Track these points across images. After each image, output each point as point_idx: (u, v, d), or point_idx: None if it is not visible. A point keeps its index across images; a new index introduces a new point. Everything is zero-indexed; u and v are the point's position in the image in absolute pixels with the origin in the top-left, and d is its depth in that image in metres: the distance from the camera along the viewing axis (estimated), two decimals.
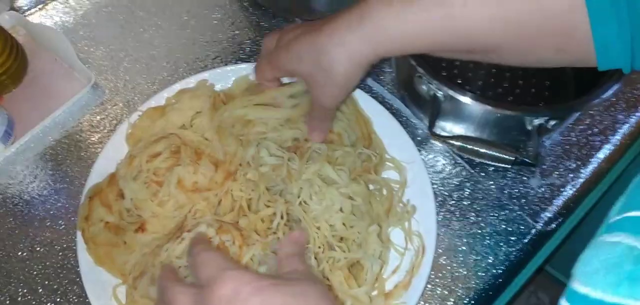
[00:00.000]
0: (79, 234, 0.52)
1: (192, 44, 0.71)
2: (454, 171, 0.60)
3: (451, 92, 0.53)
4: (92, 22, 0.73)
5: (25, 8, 0.74)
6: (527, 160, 0.55)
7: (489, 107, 0.53)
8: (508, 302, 0.65)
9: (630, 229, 0.28)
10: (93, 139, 0.63)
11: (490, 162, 0.57)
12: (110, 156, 0.56)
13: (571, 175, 0.60)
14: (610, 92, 0.53)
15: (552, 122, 0.55)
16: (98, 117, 0.65)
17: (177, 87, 0.61)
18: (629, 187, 0.31)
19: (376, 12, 0.43)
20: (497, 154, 0.55)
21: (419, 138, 0.62)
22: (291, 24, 0.56)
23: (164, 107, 0.59)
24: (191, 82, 0.62)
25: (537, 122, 0.54)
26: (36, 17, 0.74)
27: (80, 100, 0.65)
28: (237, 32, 0.72)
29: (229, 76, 0.62)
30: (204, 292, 0.34)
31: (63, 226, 0.57)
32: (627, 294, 0.26)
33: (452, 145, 0.57)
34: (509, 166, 0.56)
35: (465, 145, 0.56)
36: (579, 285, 0.28)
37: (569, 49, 0.41)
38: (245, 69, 0.62)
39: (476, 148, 0.56)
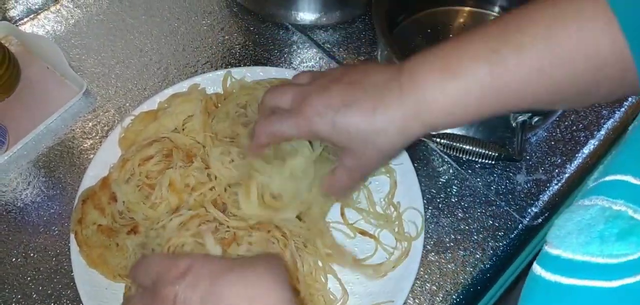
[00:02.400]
0: (72, 237, 0.52)
1: (183, 50, 0.72)
2: (441, 169, 0.61)
3: None
4: (84, 31, 0.74)
5: (18, 18, 0.75)
6: (510, 155, 0.56)
7: None
8: (500, 298, 0.66)
9: (605, 192, 0.28)
10: (85, 145, 0.64)
11: (476, 159, 0.58)
12: (103, 160, 0.57)
13: (557, 170, 0.61)
14: None
15: (536, 119, 0.56)
16: (90, 124, 0.66)
17: (170, 91, 0.62)
18: (607, 157, 0.31)
19: (424, 81, 0.39)
20: (482, 151, 0.56)
21: None
22: (300, 75, 0.48)
23: (157, 111, 0.60)
24: (183, 86, 0.63)
25: (520, 118, 0.55)
26: (28, 27, 0.75)
27: (72, 108, 0.66)
28: (226, 37, 0.73)
29: (220, 80, 0.63)
30: (156, 284, 0.34)
31: (56, 232, 0.58)
32: (596, 252, 0.26)
33: (438, 143, 0.58)
34: (494, 162, 0.57)
35: (450, 143, 0.57)
36: (551, 248, 0.29)
37: (620, 91, 0.40)
38: (235, 73, 0.63)
39: (461, 146, 0.57)
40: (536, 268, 0.29)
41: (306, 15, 0.72)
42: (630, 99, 0.66)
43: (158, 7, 0.76)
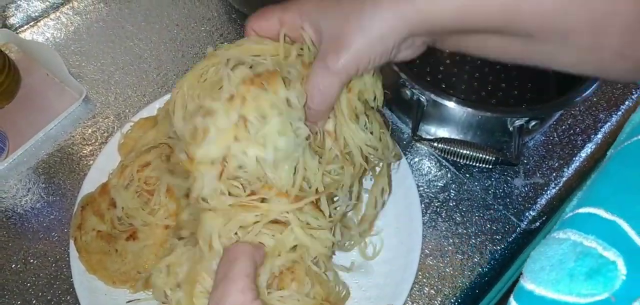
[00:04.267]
0: (71, 243, 0.52)
1: (182, 57, 0.72)
2: (439, 173, 0.61)
3: (434, 97, 0.55)
4: (83, 38, 0.75)
5: (18, 25, 0.76)
6: (508, 159, 0.56)
7: (470, 110, 0.54)
8: (498, 302, 0.66)
9: (577, 225, 0.28)
10: (85, 151, 0.64)
11: (473, 164, 0.58)
12: (102, 166, 0.57)
13: (554, 174, 0.61)
14: (588, 92, 0.54)
15: (533, 123, 0.56)
16: (90, 130, 0.66)
17: (169, 97, 0.62)
18: (585, 184, 0.31)
19: None
20: (480, 155, 0.56)
21: (404, 142, 0.63)
22: None
23: (156, 118, 0.60)
24: None
25: (518, 123, 0.56)
26: (28, 34, 0.75)
27: (72, 114, 0.67)
28: (225, 43, 0.73)
29: None
30: None
31: (56, 238, 0.58)
32: (566, 290, 0.26)
33: (435, 147, 0.58)
34: (492, 167, 0.57)
35: (447, 147, 0.57)
36: (526, 282, 0.28)
37: (589, 66, 0.38)
38: None
39: (459, 150, 0.57)
40: (512, 302, 0.29)
41: None
42: (627, 102, 0.66)
43: (157, 14, 0.77)
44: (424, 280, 0.54)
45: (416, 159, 0.62)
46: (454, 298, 0.53)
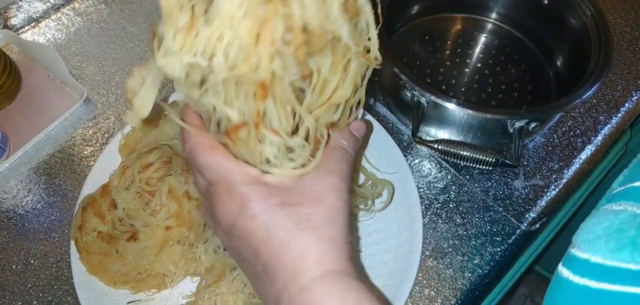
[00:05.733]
0: (72, 243, 0.52)
1: None
2: (439, 175, 0.61)
3: (434, 98, 0.55)
4: (84, 38, 0.75)
5: (19, 26, 0.76)
6: (508, 161, 0.56)
7: (470, 112, 0.54)
8: (498, 303, 0.66)
9: (634, 198, 0.28)
10: (86, 152, 0.64)
11: (474, 165, 0.58)
12: (103, 167, 0.57)
13: (554, 176, 0.61)
14: (588, 94, 0.55)
15: (533, 125, 0.56)
16: (90, 131, 0.66)
17: (170, 98, 0.63)
18: (632, 162, 0.32)
19: None
20: (480, 157, 0.56)
21: (404, 143, 0.63)
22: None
23: (157, 119, 0.60)
24: None
25: (518, 125, 0.56)
26: (29, 35, 0.75)
27: (72, 115, 0.67)
28: None
29: None
30: (213, 189, 0.34)
31: (57, 239, 0.58)
32: (628, 258, 0.27)
33: (435, 149, 0.59)
34: (492, 168, 0.57)
35: (448, 149, 0.57)
36: (578, 251, 0.29)
37: None
38: None
39: (459, 152, 0.57)
40: (563, 270, 0.29)
41: None
42: (627, 104, 0.66)
43: (158, 14, 0.76)
44: (424, 281, 0.54)
45: (416, 161, 0.62)
46: (454, 299, 0.53)
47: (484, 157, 0.56)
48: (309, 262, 0.32)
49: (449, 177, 0.61)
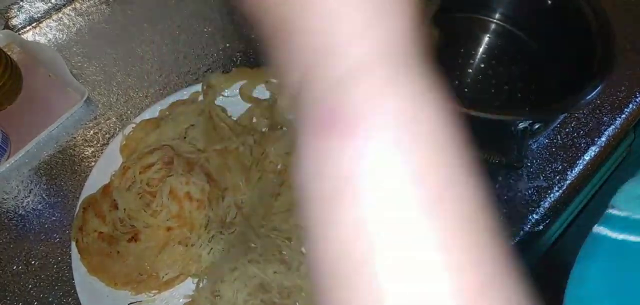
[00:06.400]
0: (73, 244, 0.52)
1: (184, 58, 0.72)
2: None
3: None
4: (85, 39, 0.75)
5: (20, 26, 0.76)
6: (511, 162, 0.56)
7: (473, 112, 0.54)
8: None
9: None
10: (87, 153, 0.64)
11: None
12: (104, 168, 0.57)
13: (558, 177, 0.61)
14: (592, 95, 0.54)
15: (537, 126, 0.56)
16: (91, 132, 0.66)
17: (171, 99, 0.62)
18: None
19: None
20: (482, 158, 0.56)
21: None
22: None
23: (158, 119, 0.60)
24: (184, 94, 0.63)
25: (521, 125, 0.55)
26: (30, 35, 0.75)
27: (74, 116, 0.66)
28: (227, 45, 0.73)
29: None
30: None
31: (58, 239, 0.58)
32: None
33: None
34: (495, 169, 0.57)
35: None
36: (617, 211, 0.30)
37: None
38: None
39: None
40: (600, 229, 0.30)
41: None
42: (631, 105, 0.66)
43: (159, 15, 0.77)
44: None
45: None
46: None
47: (487, 158, 0.56)
48: None
49: None
